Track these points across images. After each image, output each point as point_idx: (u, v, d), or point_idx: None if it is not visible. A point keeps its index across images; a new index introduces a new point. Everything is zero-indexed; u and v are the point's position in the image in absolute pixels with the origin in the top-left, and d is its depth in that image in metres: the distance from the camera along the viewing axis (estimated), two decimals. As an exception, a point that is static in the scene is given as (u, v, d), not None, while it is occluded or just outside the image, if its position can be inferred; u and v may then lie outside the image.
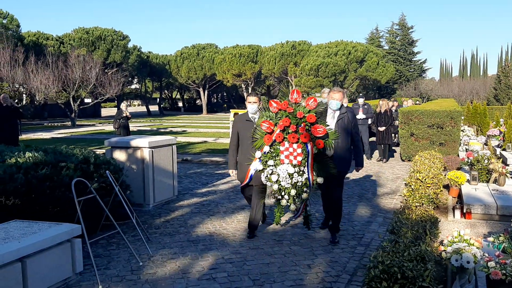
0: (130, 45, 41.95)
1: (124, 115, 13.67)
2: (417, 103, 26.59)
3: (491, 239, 4.37)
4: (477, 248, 3.66)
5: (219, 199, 7.33)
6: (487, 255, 3.61)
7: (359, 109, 11.57)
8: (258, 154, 4.73)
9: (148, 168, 6.64)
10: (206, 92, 50.57)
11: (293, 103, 4.70)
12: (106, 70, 35.05)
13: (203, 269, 4.39)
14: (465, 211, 6.12)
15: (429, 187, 6.20)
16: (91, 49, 36.67)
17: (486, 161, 7.55)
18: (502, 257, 3.52)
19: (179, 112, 55.63)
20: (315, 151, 4.57)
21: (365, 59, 40.55)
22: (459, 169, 8.37)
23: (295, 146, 4.54)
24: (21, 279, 3.56)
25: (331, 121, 5.11)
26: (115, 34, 39.39)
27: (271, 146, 4.64)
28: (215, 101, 64.92)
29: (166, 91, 58.53)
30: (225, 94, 65.01)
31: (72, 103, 30.36)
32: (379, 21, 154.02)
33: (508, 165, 8.90)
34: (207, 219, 6.13)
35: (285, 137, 4.58)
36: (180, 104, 63.20)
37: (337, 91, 5.15)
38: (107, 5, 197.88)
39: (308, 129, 4.58)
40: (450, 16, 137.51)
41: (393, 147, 13.07)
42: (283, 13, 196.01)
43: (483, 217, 6.07)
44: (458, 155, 10.26)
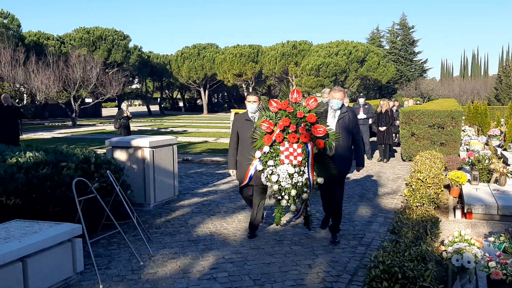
0: (131, 45, 42.03)
1: (125, 115, 13.67)
2: (418, 103, 26.57)
3: (492, 239, 4.36)
4: (478, 248, 3.66)
5: (220, 199, 7.33)
6: (487, 255, 3.61)
7: (360, 109, 11.57)
8: (258, 154, 4.72)
9: (148, 168, 6.65)
10: (206, 92, 50.59)
11: (293, 103, 4.69)
12: (106, 70, 35.10)
13: (203, 269, 4.39)
14: (466, 211, 6.11)
15: (430, 187, 6.20)
16: (92, 49, 36.76)
17: (487, 161, 7.54)
18: (503, 257, 3.52)
19: (180, 112, 55.66)
20: (315, 151, 4.56)
21: (366, 59, 40.55)
22: (460, 169, 8.36)
23: (295, 146, 4.52)
24: (22, 279, 3.56)
25: (332, 120, 5.09)
26: (116, 34, 39.47)
27: (271, 146, 4.62)
28: (216, 101, 64.90)
29: (166, 91, 58.58)
30: (225, 94, 65.00)
31: (72, 103, 30.39)
32: (380, 21, 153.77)
33: (509, 165, 8.89)
34: (208, 219, 6.13)
35: (285, 137, 4.56)
36: (180, 104, 63.20)
37: (338, 90, 5.14)
38: (108, 5, 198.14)
39: (308, 129, 4.56)
40: (451, 16, 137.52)
41: (393, 147, 13.07)
42: (284, 13, 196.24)
43: (484, 217, 6.06)
44: (459, 155, 10.25)
